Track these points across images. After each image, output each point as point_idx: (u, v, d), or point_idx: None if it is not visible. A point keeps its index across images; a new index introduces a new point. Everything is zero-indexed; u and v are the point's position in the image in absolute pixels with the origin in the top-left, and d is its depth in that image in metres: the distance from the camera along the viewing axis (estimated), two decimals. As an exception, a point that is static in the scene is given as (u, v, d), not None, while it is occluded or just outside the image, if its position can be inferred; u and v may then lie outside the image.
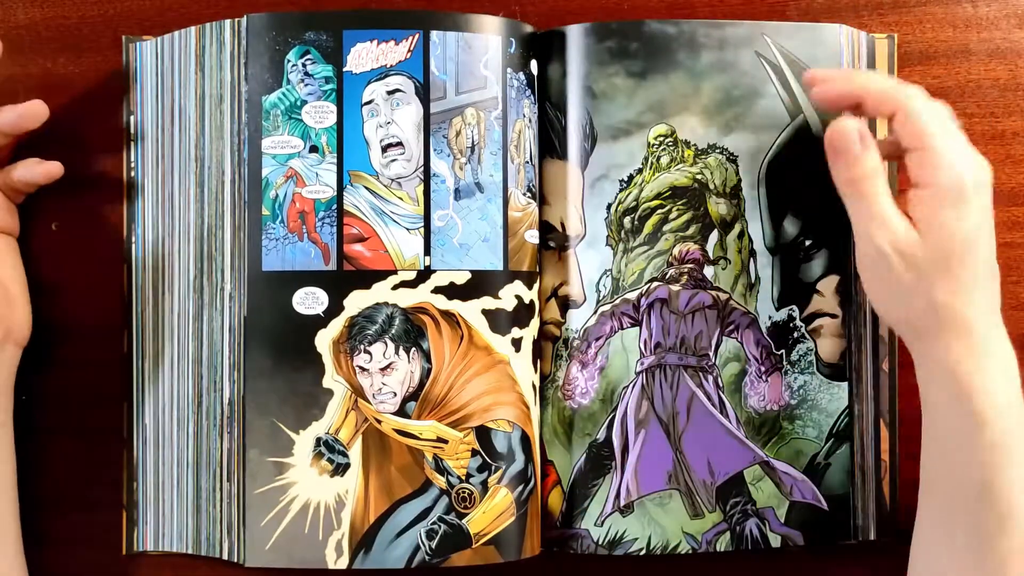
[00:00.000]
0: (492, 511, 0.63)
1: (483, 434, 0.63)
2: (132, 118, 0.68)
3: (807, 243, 0.66)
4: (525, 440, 0.64)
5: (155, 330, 0.67)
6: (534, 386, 0.65)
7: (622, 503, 0.65)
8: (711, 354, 0.66)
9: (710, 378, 0.66)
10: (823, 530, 0.66)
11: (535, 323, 0.65)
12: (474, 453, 0.63)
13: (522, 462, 0.64)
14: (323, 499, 0.63)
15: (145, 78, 0.67)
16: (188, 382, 0.66)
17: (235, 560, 0.64)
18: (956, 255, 0.57)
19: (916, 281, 0.57)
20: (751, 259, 0.66)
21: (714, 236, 0.66)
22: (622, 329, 0.65)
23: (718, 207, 0.65)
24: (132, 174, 0.68)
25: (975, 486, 0.57)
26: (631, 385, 0.65)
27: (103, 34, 0.69)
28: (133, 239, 0.67)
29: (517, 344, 0.64)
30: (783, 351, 0.66)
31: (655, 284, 0.65)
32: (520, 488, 0.64)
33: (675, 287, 0.65)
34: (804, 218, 0.66)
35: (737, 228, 0.66)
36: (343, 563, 0.63)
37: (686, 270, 0.65)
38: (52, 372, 0.68)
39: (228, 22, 0.65)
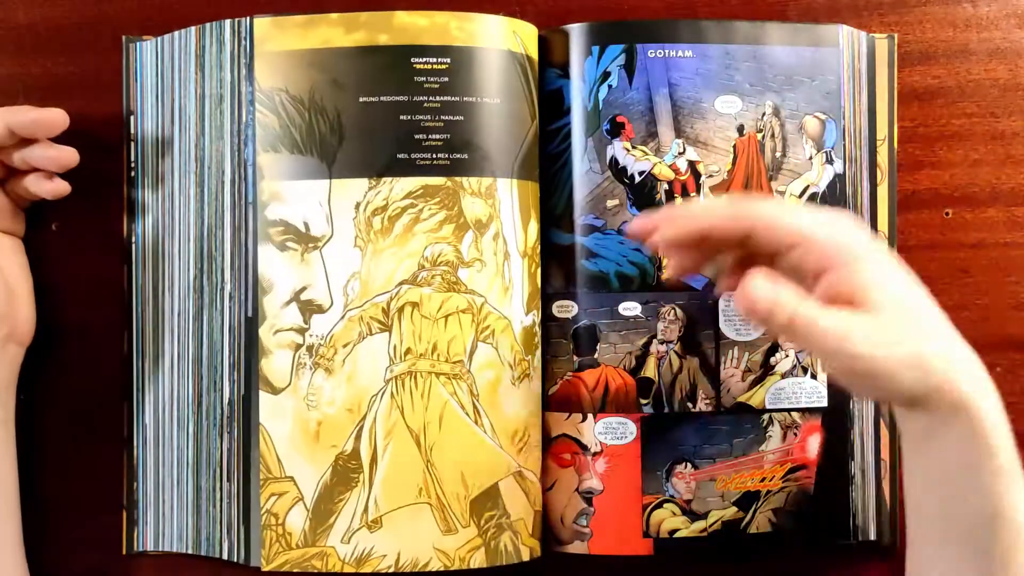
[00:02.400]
0: None
1: None
2: (132, 118, 0.68)
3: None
4: None
5: (155, 330, 0.67)
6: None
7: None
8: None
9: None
10: None
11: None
12: None
13: None
14: None
15: (145, 78, 0.68)
16: (188, 382, 0.66)
17: (235, 560, 0.64)
18: (908, 299, 0.55)
19: (908, 350, 0.54)
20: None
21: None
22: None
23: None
24: (132, 174, 0.68)
25: (985, 516, 0.56)
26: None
27: (103, 34, 0.69)
28: (133, 239, 0.67)
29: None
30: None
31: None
32: None
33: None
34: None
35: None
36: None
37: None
38: (52, 372, 0.68)
39: (228, 22, 0.65)
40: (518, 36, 0.64)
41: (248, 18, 0.64)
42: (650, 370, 0.66)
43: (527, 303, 0.65)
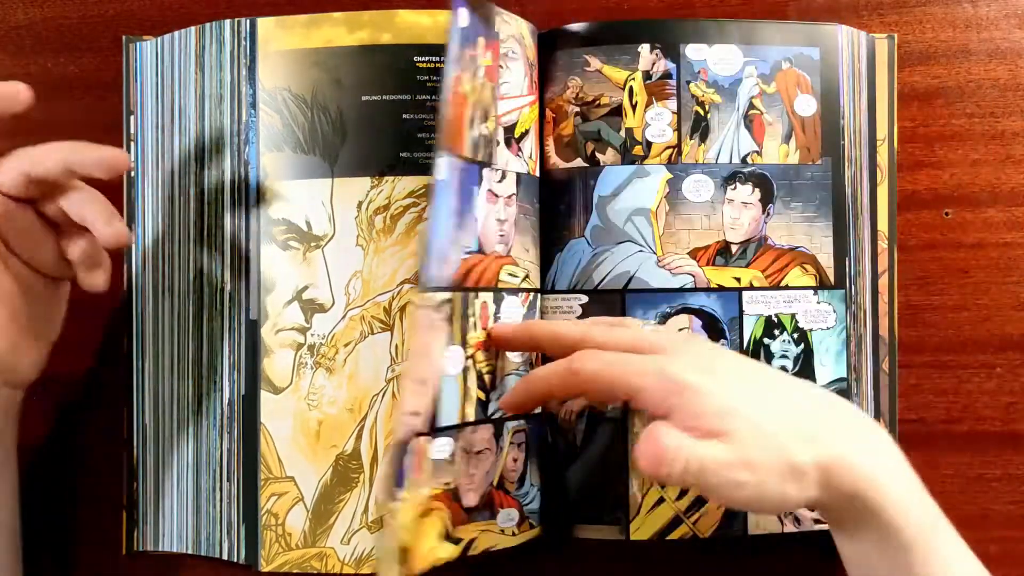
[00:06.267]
0: None
1: None
2: (132, 118, 0.68)
3: None
4: None
5: (155, 330, 0.67)
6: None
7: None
8: None
9: None
10: None
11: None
12: None
13: None
14: None
15: (145, 78, 0.68)
16: (188, 382, 0.66)
17: (235, 560, 0.64)
18: (757, 413, 0.53)
19: (779, 467, 0.53)
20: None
21: None
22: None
23: None
24: (132, 174, 0.68)
25: None
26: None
27: (103, 34, 0.69)
28: (133, 239, 0.67)
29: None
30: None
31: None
32: None
33: None
34: None
35: None
36: None
37: None
38: (52, 372, 0.68)
39: (228, 22, 0.65)
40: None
41: (248, 19, 0.64)
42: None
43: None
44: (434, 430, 0.60)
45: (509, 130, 0.64)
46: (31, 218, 0.59)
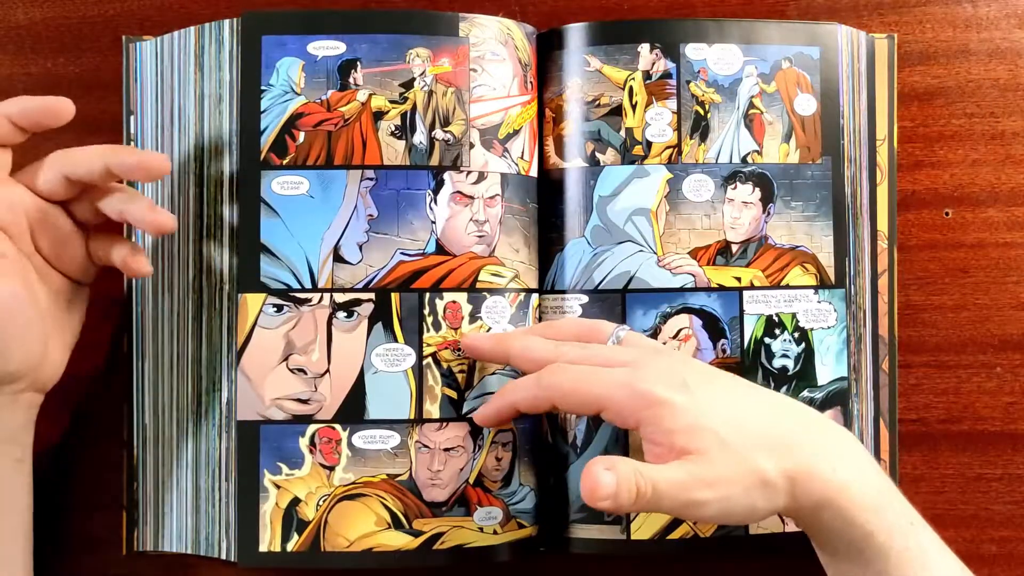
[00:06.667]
0: None
1: None
2: (132, 118, 0.68)
3: None
4: None
5: (155, 330, 0.67)
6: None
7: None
8: None
9: None
10: None
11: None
12: None
13: None
14: None
15: (145, 78, 0.67)
16: (188, 382, 0.66)
17: (234, 560, 0.64)
18: (723, 426, 0.54)
19: (746, 479, 0.53)
20: None
21: None
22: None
23: None
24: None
25: None
26: None
27: (103, 34, 0.69)
28: (133, 239, 0.67)
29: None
30: None
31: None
32: None
33: None
34: None
35: None
36: None
37: None
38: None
39: (227, 22, 0.65)
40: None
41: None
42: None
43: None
44: (356, 421, 0.63)
45: (490, 131, 0.64)
46: (64, 220, 0.60)
